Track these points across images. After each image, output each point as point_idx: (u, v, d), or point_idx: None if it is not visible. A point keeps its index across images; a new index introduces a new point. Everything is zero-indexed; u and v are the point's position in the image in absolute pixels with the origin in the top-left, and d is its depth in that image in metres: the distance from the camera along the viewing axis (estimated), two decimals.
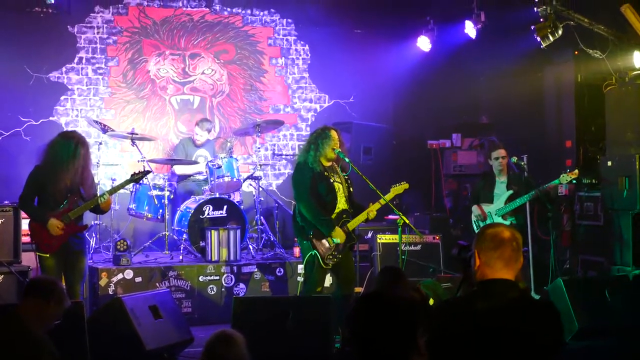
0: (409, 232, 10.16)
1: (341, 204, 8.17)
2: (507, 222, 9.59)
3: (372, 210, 8.20)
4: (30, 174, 7.93)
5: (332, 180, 8.13)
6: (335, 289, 8.68)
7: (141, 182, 10.28)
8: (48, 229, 7.71)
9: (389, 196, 8.31)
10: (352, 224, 8.16)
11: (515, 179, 9.90)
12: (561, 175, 9.52)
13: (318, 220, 7.98)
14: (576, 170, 9.61)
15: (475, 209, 10.03)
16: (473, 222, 10.08)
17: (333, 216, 8.07)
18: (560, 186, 9.76)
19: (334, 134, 8.16)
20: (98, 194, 8.02)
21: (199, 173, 11.22)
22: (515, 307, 3.76)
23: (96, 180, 8.97)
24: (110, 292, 9.25)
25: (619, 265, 9.70)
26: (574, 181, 9.77)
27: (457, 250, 4.28)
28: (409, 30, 12.94)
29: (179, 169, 11.30)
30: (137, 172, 8.53)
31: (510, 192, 9.77)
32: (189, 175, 11.29)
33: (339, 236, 7.99)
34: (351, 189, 8.37)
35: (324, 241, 7.98)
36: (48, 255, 7.79)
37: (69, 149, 7.81)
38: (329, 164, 8.20)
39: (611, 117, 10.51)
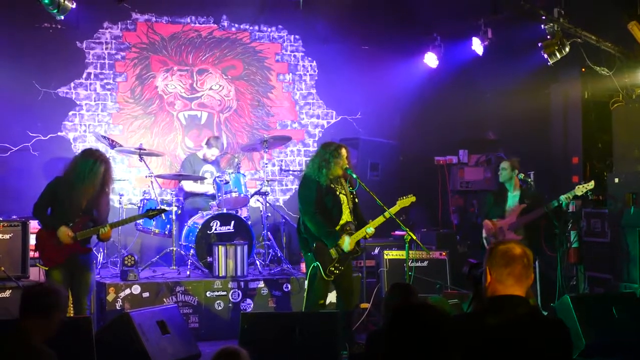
0: (415, 248, 10.15)
1: (346, 215, 8.21)
2: (519, 237, 9.60)
3: (377, 223, 8.21)
4: (49, 184, 7.98)
5: (337, 193, 8.19)
6: (337, 304, 8.69)
7: (149, 197, 10.34)
8: (58, 236, 7.72)
9: (394, 209, 8.32)
10: (356, 236, 8.18)
11: (528, 193, 9.89)
12: (576, 187, 9.45)
13: (323, 232, 8.01)
14: (592, 181, 9.56)
15: (486, 224, 9.97)
16: (483, 239, 10.04)
17: (337, 228, 8.11)
18: (568, 202, 9.71)
19: (344, 152, 8.20)
20: (107, 224, 8.04)
21: (206, 193, 11.24)
22: (525, 323, 3.76)
23: None
24: (118, 308, 9.25)
25: (626, 282, 9.70)
26: (590, 193, 9.70)
27: (468, 268, 4.29)
28: (416, 46, 12.97)
29: (187, 186, 11.32)
30: (153, 209, 8.56)
31: (523, 205, 9.75)
32: (197, 193, 11.30)
33: (348, 243, 8.03)
34: (356, 200, 8.41)
35: (327, 253, 8.02)
36: (48, 268, 7.82)
37: (87, 166, 7.83)
38: (333, 177, 8.23)
39: (618, 134, 10.54)
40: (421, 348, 3.18)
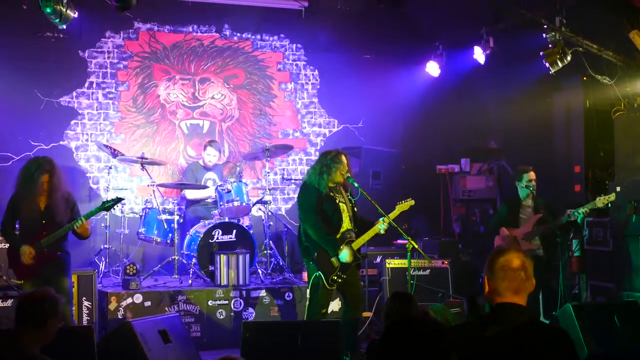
0: (417, 257, 10.13)
1: (346, 223, 8.21)
2: (534, 247, 9.57)
3: (377, 228, 8.20)
4: (9, 199, 8.04)
5: (337, 201, 8.19)
6: (343, 311, 8.68)
7: (151, 206, 10.33)
8: (20, 255, 7.75)
9: (394, 213, 8.34)
10: (357, 244, 8.17)
11: (542, 203, 9.86)
12: (597, 199, 9.39)
13: (324, 240, 8.01)
14: (613, 194, 9.50)
15: (502, 231, 9.82)
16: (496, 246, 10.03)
17: (338, 236, 8.11)
18: (571, 211, 9.67)
19: (344, 159, 8.21)
20: (78, 218, 7.99)
21: (209, 197, 11.25)
22: (525, 332, 3.75)
23: None
24: (120, 316, 9.26)
25: (629, 290, 9.67)
26: (610, 205, 9.66)
27: (469, 303, 4.27)
28: (418, 55, 12.97)
29: (189, 194, 11.33)
30: (108, 199, 8.44)
31: (539, 215, 9.71)
32: (199, 200, 11.31)
33: (346, 254, 8.01)
34: (355, 209, 8.41)
35: (328, 261, 8.01)
36: (22, 282, 7.83)
37: (29, 176, 7.83)
38: (333, 185, 8.24)
39: (620, 142, 10.51)
40: None
